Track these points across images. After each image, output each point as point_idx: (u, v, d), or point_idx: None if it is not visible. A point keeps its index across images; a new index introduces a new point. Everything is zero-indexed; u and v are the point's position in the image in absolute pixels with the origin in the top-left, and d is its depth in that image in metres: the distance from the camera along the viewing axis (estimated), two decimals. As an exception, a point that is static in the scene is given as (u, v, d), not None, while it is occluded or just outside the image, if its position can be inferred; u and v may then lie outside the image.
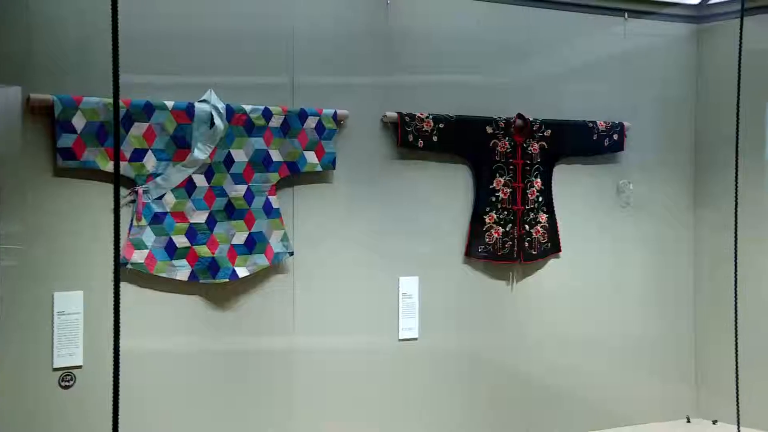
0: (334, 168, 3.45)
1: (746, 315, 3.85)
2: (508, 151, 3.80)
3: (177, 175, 3.13)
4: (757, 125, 4.04)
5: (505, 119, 3.79)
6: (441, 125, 3.64)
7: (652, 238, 4.19)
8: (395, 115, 3.56)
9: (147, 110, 3.07)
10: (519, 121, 3.81)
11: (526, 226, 3.84)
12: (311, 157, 3.40)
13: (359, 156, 3.54)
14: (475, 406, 3.78)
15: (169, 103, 3.10)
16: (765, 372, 3.96)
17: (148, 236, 3.08)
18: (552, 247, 3.92)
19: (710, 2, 4.17)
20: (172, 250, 3.12)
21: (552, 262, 3.95)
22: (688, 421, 4.17)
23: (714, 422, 4.13)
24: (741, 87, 3.73)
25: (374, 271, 3.58)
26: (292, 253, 3.36)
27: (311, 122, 3.39)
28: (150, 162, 3.08)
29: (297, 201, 3.42)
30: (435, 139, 3.64)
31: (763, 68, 4.01)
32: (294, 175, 3.38)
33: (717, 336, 4.04)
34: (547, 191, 3.91)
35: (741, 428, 3.71)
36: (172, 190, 3.12)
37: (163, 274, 3.11)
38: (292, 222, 3.38)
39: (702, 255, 4.25)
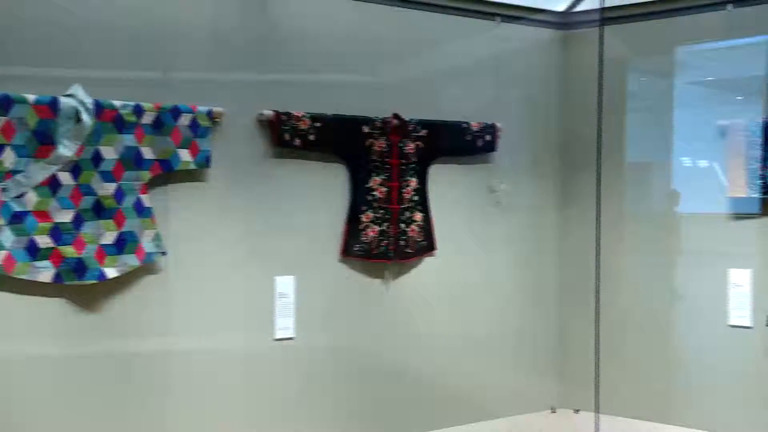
0: (209, 166, 3.36)
1: (607, 309, 4.09)
2: (385, 150, 3.83)
3: (40, 172, 2.96)
4: (618, 128, 4.25)
5: (381, 119, 3.82)
6: (318, 124, 3.63)
7: (522, 237, 4.35)
8: (271, 113, 3.52)
9: (5, 104, 2.88)
10: (395, 121, 3.85)
11: (402, 225, 3.89)
12: (185, 155, 3.30)
13: (235, 154, 3.47)
14: (352, 404, 3.81)
15: (31, 97, 2.91)
16: (623, 363, 4.20)
17: (7, 237, 2.90)
18: (427, 245, 3.99)
19: (574, 11, 4.36)
20: (34, 251, 2.95)
21: (427, 261, 4.02)
22: (553, 412, 4.37)
23: (576, 411, 4.34)
24: (603, 92, 3.96)
25: (250, 270, 3.53)
26: (165, 253, 3.26)
27: (185, 119, 3.29)
28: (9, 158, 2.90)
29: (171, 200, 3.31)
30: (312, 138, 3.62)
31: (622, 74, 4.26)
32: (167, 173, 3.28)
33: (580, 330, 4.23)
34: (422, 190, 3.97)
35: (600, 416, 3.95)
36: (35, 189, 2.96)
37: (24, 276, 2.94)
38: (165, 221, 3.28)
39: (567, 253, 4.45)
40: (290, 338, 3.62)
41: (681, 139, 4.17)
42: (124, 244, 3.16)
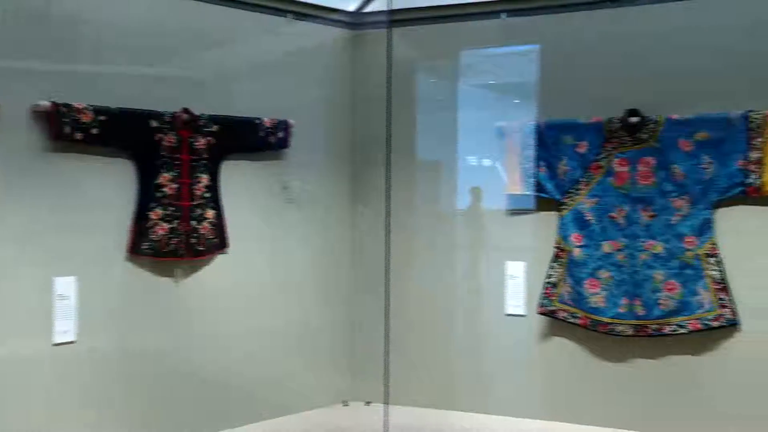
0: (-24, 161, 3.12)
1: (396, 303, 4.24)
2: (175, 146, 3.72)
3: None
4: (408, 127, 4.41)
5: (171, 113, 3.71)
6: (102, 117, 3.45)
7: (316, 233, 4.40)
8: (48, 104, 3.30)
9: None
10: (185, 116, 3.75)
11: (193, 223, 3.80)
12: (-53, 148, 3.04)
13: (12, 148, 3.23)
14: (141, 408, 3.67)
15: None
16: (412, 355, 4.37)
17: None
18: (219, 243, 3.93)
19: (364, 11, 4.47)
20: None
21: (220, 258, 3.96)
22: (345, 405, 4.46)
23: (367, 403, 4.46)
24: (392, 92, 4.10)
25: (26, 271, 3.30)
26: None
27: (-53, 108, 3.02)
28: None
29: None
30: (95, 131, 3.43)
31: (411, 75, 4.42)
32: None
33: (371, 324, 4.35)
34: (214, 187, 3.90)
35: (390, 407, 4.09)
36: None
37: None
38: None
39: (359, 249, 4.55)
40: (71, 342, 3.43)
41: (466, 139, 4.40)
42: None
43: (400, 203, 4.33)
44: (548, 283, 4.05)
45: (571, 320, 4.00)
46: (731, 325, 3.71)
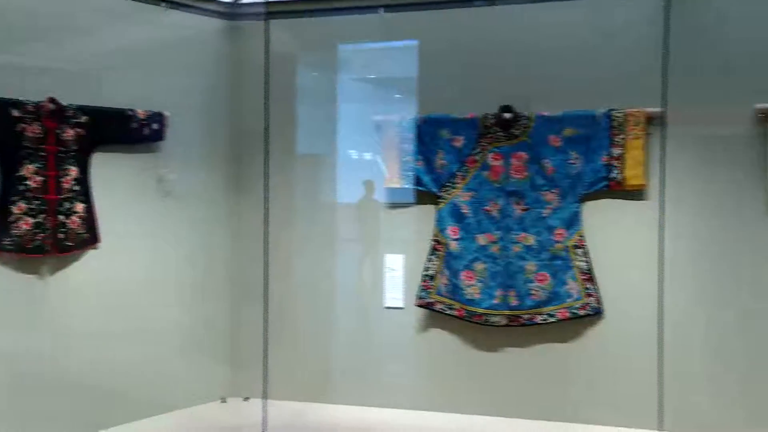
0: None
1: (276, 298, 4.21)
2: (39, 136, 3.56)
3: None
4: (288, 121, 4.37)
5: (35, 103, 3.54)
6: (-43, 106, 3.28)
7: (193, 228, 4.30)
8: None
9: None
10: (51, 105, 3.59)
11: (61, 217, 3.65)
12: None
13: None
14: (6, 410, 3.51)
15: None
16: (291, 349, 4.35)
17: None
18: (90, 238, 3.78)
19: (241, 2, 4.39)
20: None
21: (90, 254, 3.81)
22: (224, 401, 4.38)
23: (246, 399, 4.40)
24: (270, 85, 4.06)
25: None
26: None
27: None
28: None
29: None
30: (-50, 120, 3.26)
31: (290, 68, 4.39)
32: None
33: (250, 319, 4.30)
34: (84, 180, 3.76)
35: (269, 401, 4.06)
36: None
37: None
38: None
39: (238, 243, 4.48)
40: (-76, 345, 3.24)
41: (347, 133, 4.41)
42: None
43: (280, 197, 4.29)
44: (426, 275, 4.11)
45: (448, 312, 4.08)
46: (596, 313, 3.89)
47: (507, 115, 3.98)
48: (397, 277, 4.24)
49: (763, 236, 3.66)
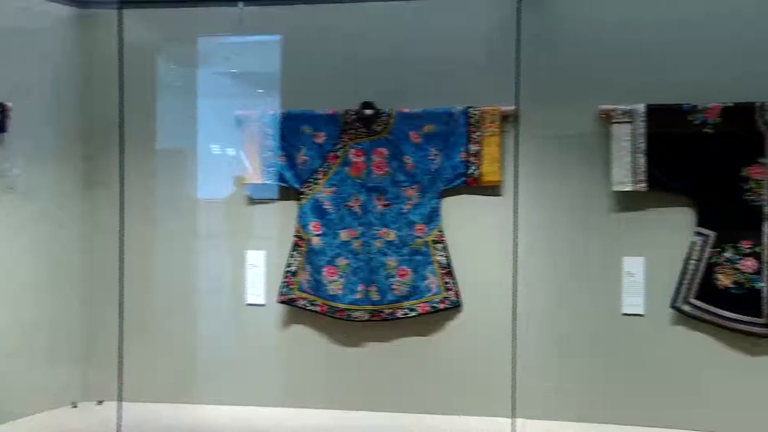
0: None
1: (132, 296, 4.08)
2: None
3: None
4: (145, 114, 4.22)
5: None
6: None
7: (42, 225, 4.07)
8: None
9: None
10: None
11: None
12: None
13: None
14: None
15: None
16: (149, 349, 4.20)
17: None
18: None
19: (91, -11, 4.23)
20: None
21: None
22: (75, 406, 4.18)
23: (99, 403, 4.21)
24: (124, 76, 3.92)
25: None
26: None
27: None
28: None
29: None
30: None
31: (148, 60, 4.24)
32: None
33: (105, 319, 4.14)
34: None
35: (124, 404, 3.92)
36: None
37: None
38: None
39: (92, 240, 4.28)
40: None
41: (208, 127, 4.31)
42: None
43: (137, 192, 4.15)
44: (288, 271, 4.08)
45: (311, 308, 4.07)
46: (455, 307, 3.98)
47: (368, 112, 4.01)
48: (258, 274, 4.18)
49: (609, 232, 3.86)
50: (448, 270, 3.97)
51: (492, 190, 3.95)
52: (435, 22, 4.01)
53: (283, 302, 4.10)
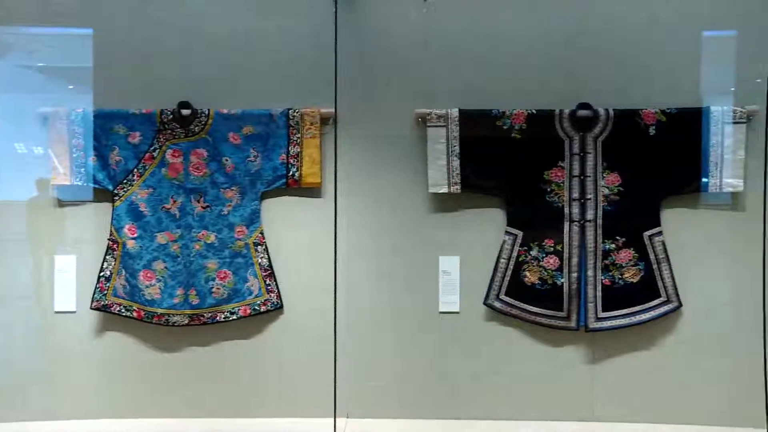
0: None
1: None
2: None
3: None
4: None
5: None
6: None
7: None
8: None
9: None
10: None
11: None
12: None
13: None
14: None
15: None
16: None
17: None
18: None
19: None
20: None
21: None
22: None
23: None
24: None
25: None
26: None
27: None
28: None
29: None
30: None
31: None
32: None
33: None
34: None
35: None
36: None
37: None
38: None
39: None
40: None
41: (9, 125, 4.04)
42: None
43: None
44: (101, 276, 3.90)
45: (126, 314, 3.91)
46: (276, 309, 3.96)
47: (185, 112, 3.90)
48: (68, 280, 3.96)
49: (427, 232, 3.98)
50: (269, 272, 3.95)
51: (313, 191, 3.97)
52: (257, 21, 3.96)
53: (96, 309, 3.91)
